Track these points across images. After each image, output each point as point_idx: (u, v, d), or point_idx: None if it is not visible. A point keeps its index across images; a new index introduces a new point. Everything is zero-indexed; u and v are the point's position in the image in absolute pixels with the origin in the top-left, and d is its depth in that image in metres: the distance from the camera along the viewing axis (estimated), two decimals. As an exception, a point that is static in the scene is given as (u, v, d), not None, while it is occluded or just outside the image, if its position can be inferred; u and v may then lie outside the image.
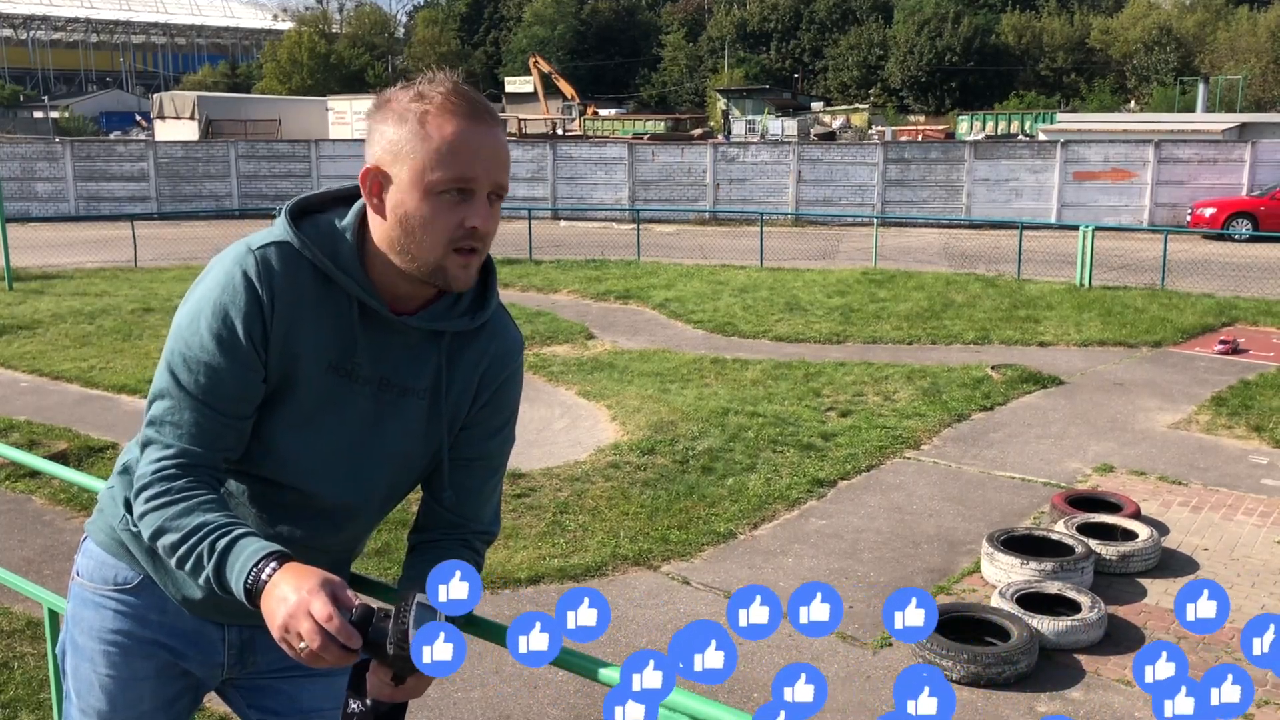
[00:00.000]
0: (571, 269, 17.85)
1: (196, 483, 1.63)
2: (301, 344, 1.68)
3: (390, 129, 1.61)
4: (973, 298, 14.79)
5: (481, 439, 1.86)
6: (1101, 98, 59.09)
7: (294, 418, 1.72)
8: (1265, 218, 22.03)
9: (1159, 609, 5.38)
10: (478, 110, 1.61)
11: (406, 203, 1.61)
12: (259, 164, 28.83)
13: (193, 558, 1.57)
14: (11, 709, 4.16)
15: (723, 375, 10.22)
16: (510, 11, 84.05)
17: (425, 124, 1.58)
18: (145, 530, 1.65)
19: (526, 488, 6.93)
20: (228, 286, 1.63)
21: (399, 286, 1.70)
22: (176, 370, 1.65)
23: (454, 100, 1.60)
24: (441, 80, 1.62)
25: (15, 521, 6.41)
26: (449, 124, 1.58)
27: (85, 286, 16.00)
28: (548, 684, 4.54)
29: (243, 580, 1.51)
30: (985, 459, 7.85)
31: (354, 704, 1.53)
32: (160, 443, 1.65)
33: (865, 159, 26.97)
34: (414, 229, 1.62)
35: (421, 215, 1.60)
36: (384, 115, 1.63)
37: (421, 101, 1.60)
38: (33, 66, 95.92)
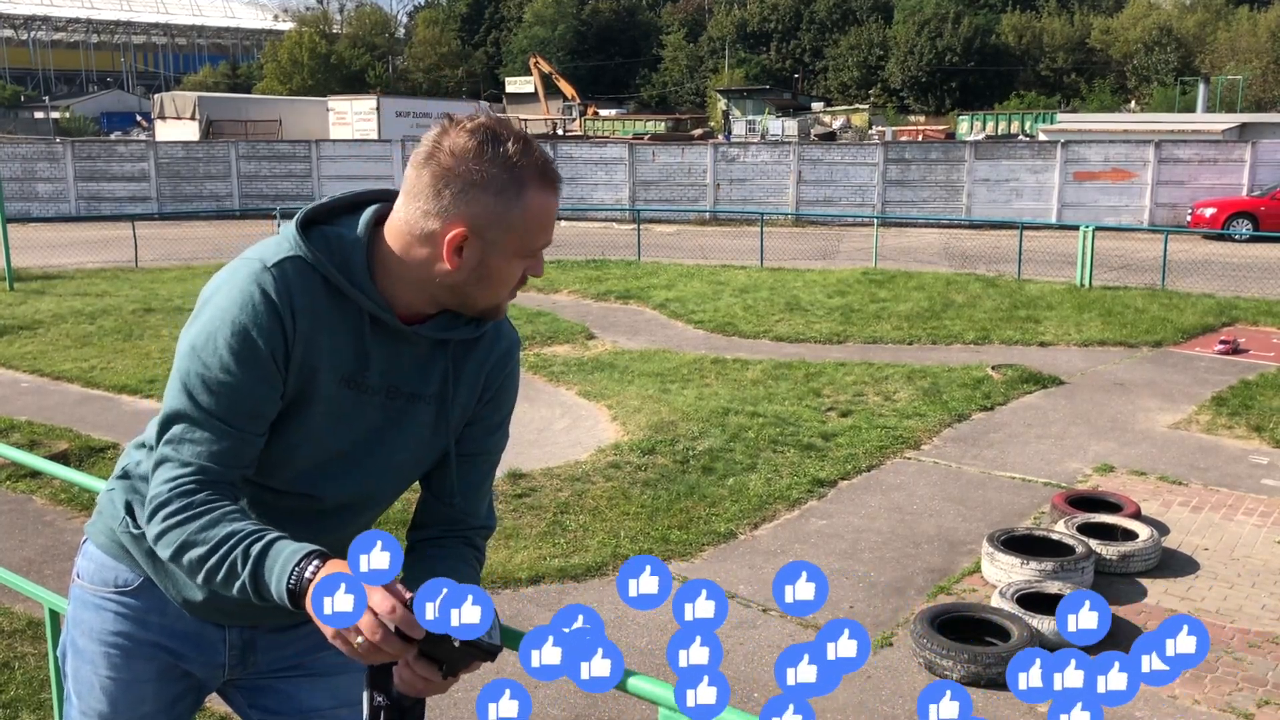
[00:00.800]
0: (572, 269, 17.85)
1: (216, 495, 1.61)
2: (318, 358, 1.68)
3: (488, 197, 1.61)
4: (973, 298, 14.79)
5: (482, 435, 1.88)
6: (1102, 98, 59.09)
7: (306, 430, 1.72)
8: (1265, 218, 22.04)
9: (1159, 609, 5.38)
10: (558, 181, 1.70)
11: (498, 264, 1.67)
12: (260, 164, 28.85)
13: (225, 567, 1.54)
14: (12, 709, 4.16)
15: (723, 375, 10.22)
16: (511, 12, 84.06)
17: (525, 197, 1.63)
18: (166, 549, 1.61)
19: (527, 488, 6.92)
20: (246, 305, 1.61)
21: (407, 297, 1.70)
22: (194, 391, 1.62)
23: (548, 175, 1.66)
24: (529, 146, 1.65)
25: (16, 522, 6.41)
26: (547, 201, 1.66)
27: (86, 287, 16.00)
28: (548, 684, 4.54)
29: (284, 582, 1.48)
30: (985, 459, 7.85)
31: (379, 698, 1.52)
32: (177, 460, 1.62)
33: (865, 159, 26.97)
34: (491, 282, 1.69)
35: (507, 274, 1.69)
36: (470, 174, 1.61)
37: (516, 170, 1.62)
38: (33, 67, 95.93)
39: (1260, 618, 5.27)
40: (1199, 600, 5.49)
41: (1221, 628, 5.17)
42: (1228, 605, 5.42)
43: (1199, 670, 4.75)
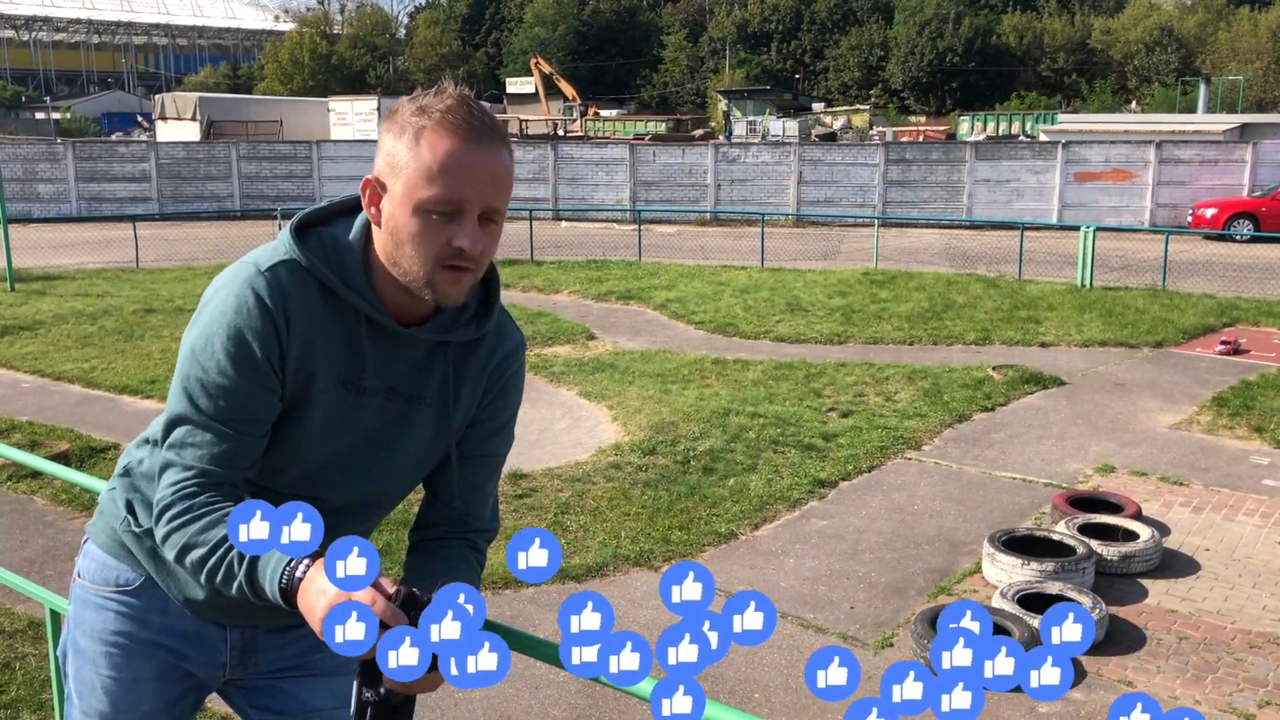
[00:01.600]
0: (573, 270, 17.86)
1: (218, 497, 1.62)
2: (315, 361, 1.68)
3: (390, 140, 1.61)
4: (974, 298, 14.79)
5: (485, 437, 1.88)
6: (1102, 98, 59.06)
7: (305, 432, 1.72)
8: (1266, 218, 22.02)
9: (1160, 609, 5.38)
10: (475, 128, 1.58)
11: (398, 216, 1.60)
12: (260, 165, 28.85)
13: (223, 568, 1.55)
14: (13, 709, 4.16)
15: (724, 376, 10.22)
16: (511, 12, 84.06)
17: (420, 139, 1.57)
18: (170, 551, 1.63)
19: (528, 488, 6.93)
20: (240, 309, 1.62)
21: (403, 298, 1.70)
22: (194, 394, 1.64)
23: (452, 117, 1.57)
24: (447, 94, 1.60)
25: (17, 522, 6.41)
26: (443, 142, 1.56)
27: (87, 287, 16.01)
28: (549, 684, 4.54)
29: (277, 581, 1.49)
30: (986, 459, 7.85)
31: (367, 693, 1.51)
32: (179, 464, 1.63)
33: (866, 160, 26.97)
34: (403, 243, 1.61)
35: (410, 231, 1.60)
36: (388, 125, 1.63)
37: (422, 116, 1.58)
38: (34, 67, 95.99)
39: (1261, 618, 5.27)
40: (1200, 601, 5.48)
41: (1222, 628, 5.16)
42: (1229, 606, 5.42)
43: (1200, 671, 4.76)
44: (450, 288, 1.63)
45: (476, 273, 1.65)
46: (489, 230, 1.62)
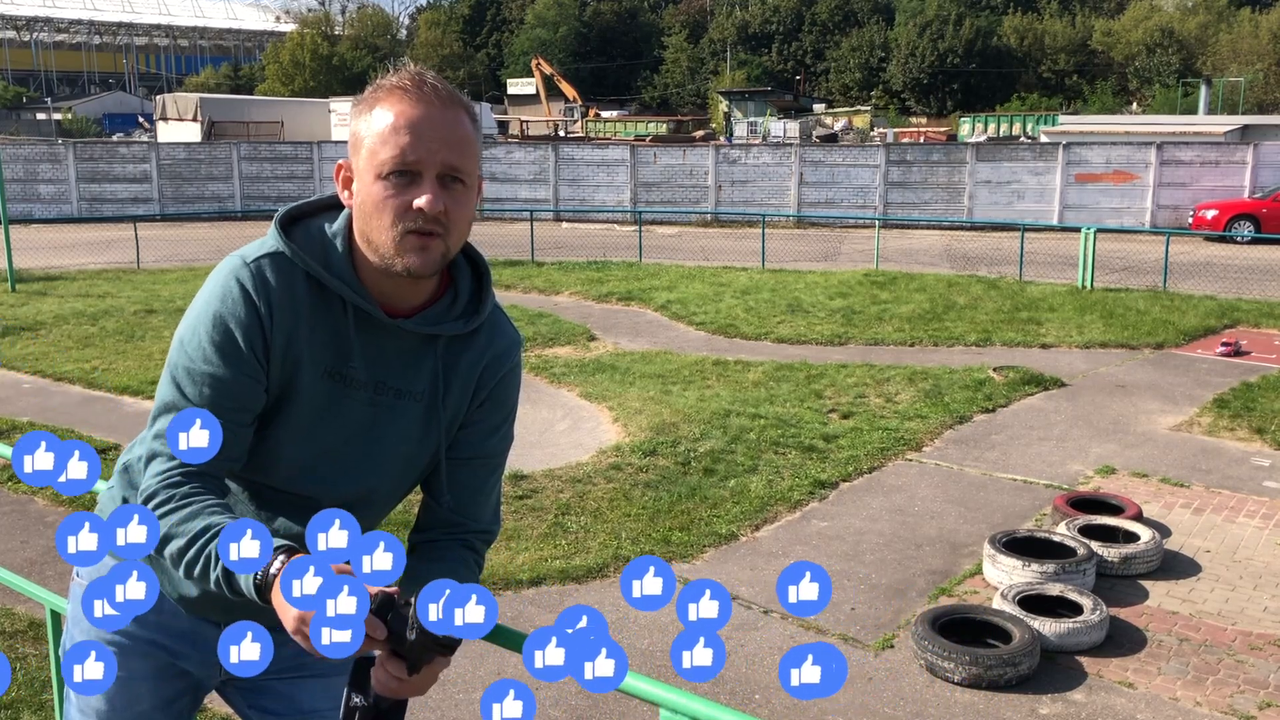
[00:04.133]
0: (573, 270, 17.86)
1: (201, 488, 1.62)
2: (300, 352, 1.69)
3: (354, 121, 1.66)
4: (974, 299, 14.78)
5: (481, 438, 1.86)
6: (1103, 100, 59.06)
7: (293, 425, 1.72)
8: (1267, 220, 22.01)
9: (1161, 611, 5.37)
10: (425, 92, 1.61)
11: (363, 190, 1.64)
12: (261, 165, 28.87)
13: (201, 561, 1.55)
14: (14, 710, 4.16)
15: (724, 377, 10.22)
16: (512, 14, 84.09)
17: (374, 108, 1.62)
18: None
19: (528, 489, 6.93)
20: (225, 299, 1.65)
21: (388, 286, 1.70)
22: (181, 382, 1.65)
23: (402, 84, 1.62)
24: (401, 70, 1.65)
25: (18, 523, 6.41)
26: (394, 106, 1.61)
27: (88, 288, 16.01)
28: (548, 685, 4.54)
29: (251, 575, 1.49)
30: (987, 461, 7.85)
31: (356, 698, 1.51)
32: (165, 454, 1.63)
33: (867, 161, 26.97)
34: (369, 214, 1.63)
35: (374, 200, 1.62)
36: (353, 112, 1.68)
37: (376, 90, 1.64)
38: (36, 68, 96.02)
39: (1262, 620, 5.27)
40: (1200, 603, 5.48)
41: (1223, 630, 5.16)
42: (1229, 607, 5.41)
43: (1201, 673, 4.75)
44: (416, 255, 1.62)
45: (446, 239, 1.64)
46: (453, 192, 1.63)
